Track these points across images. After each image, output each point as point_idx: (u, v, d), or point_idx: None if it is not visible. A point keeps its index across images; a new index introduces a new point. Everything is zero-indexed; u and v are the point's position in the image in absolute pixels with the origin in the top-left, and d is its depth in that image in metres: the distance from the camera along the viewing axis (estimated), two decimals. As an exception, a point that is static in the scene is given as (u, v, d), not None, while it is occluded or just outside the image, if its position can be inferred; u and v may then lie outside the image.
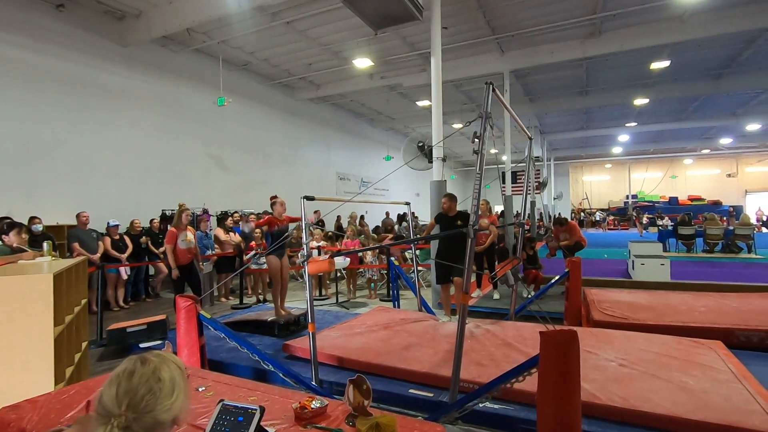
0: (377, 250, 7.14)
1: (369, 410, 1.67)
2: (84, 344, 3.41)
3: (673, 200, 26.29)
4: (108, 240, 6.51)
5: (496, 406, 2.70)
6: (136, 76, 8.79)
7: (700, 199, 25.76)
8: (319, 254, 6.60)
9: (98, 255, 6.22)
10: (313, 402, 1.66)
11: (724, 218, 13.71)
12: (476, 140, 2.58)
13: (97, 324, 4.88)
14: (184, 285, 5.34)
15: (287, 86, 12.88)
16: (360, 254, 7.11)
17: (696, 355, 3.29)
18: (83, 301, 3.40)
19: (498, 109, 11.72)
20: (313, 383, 3.16)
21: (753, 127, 17.63)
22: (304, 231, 3.23)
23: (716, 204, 24.36)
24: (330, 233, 9.19)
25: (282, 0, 7.20)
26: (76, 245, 6.00)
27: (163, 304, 6.99)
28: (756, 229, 12.20)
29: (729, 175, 26.45)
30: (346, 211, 12.77)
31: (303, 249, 3.21)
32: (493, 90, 2.69)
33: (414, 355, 3.49)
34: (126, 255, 6.65)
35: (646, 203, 26.61)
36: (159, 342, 4.43)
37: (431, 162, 6.17)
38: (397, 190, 18.00)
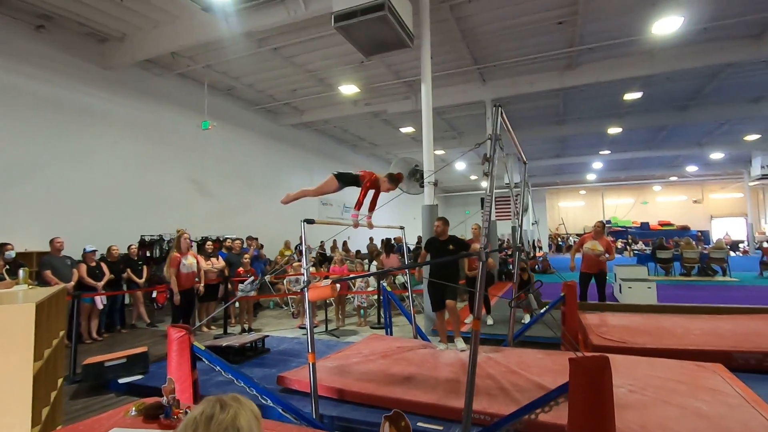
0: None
1: (408, 449, 1.54)
2: (60, 381, 3.11)
3: (645, 225, 27.20)
4: (84, 267, 6.15)
5: (511, 439, 2.58)
6: (116, 99, 8.60)
7: (669, 224, 26.74)
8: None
9: (72, 283, 5.85)
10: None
11: (694, 242, 14.35)
12: (486, 162, 2.56)
13: (71, 358, 4.52)
14: (182, 311, 5.08)
15: (271, 111, 12.87)
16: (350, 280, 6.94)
17: (701, 378, 3.27)
18: (61, 334, 3.13)
19: (482, 134, 11.99)
20: (314, 418, 2.96)
21: (716, 155, 18.61)
22: (304, 255, 3.11)
23: (684, 229, 25.30)
24: (314, 258, 9.00)
25: (272, 27, 7.22)
26: (48, 273, 5.62)
27: (140, 336, 6.60)
28: (727, 253, 12.64)
29: (695, 202, 27.65)
30: (327, 235, 12.61)
31: (303, 275, 3.08)
32: (501, 114, 2.70)
33: (418, 386, 3.35)
34: (103, 283, 6.28)
35: (620, 228, 27.42)
36: (140, 376, 4.12)
37: (422, 186, 6.16)
38: (381, 213, 17.93)
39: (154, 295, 7.38)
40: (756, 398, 2.85)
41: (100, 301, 6.25)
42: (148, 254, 7.80)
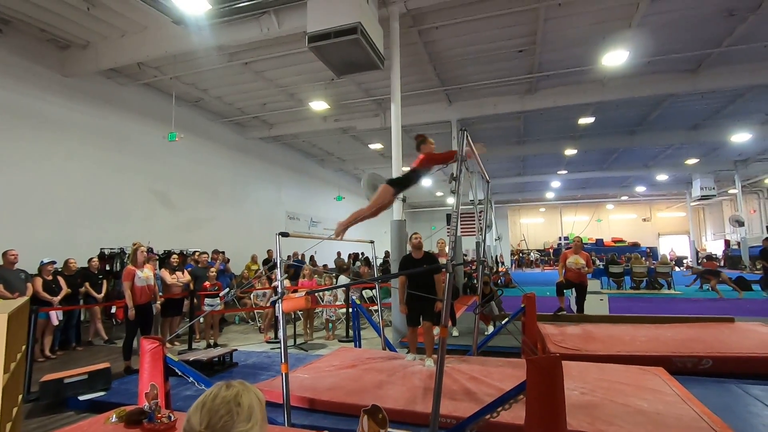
0: (335, 289, 7.06)
1: (384, 440, 1.66)
2: (20, 397, 3.02)
3: (599, 242, 28.68)
4: (39, 281, 5.88)
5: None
6: (75, 106, 8.35)
7: (621, 241, 28.36)
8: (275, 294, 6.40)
9: (26, 298, 5.58)
10: (323, 436, 1.63)
11: (643, 258, 15.40)
12: (453, 181, 2.77)
13: (25, 375, 4.32)
14: (137, 327, 4.95)
15: (239, 124, 12.80)
16: (318, 294, 6.99)
17: (644, 380, 3.58)
18: (23, 348, 3.04)
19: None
20: (286, 427, 3.02)
21: (662, 177, 20.06)
22: (279, 268, 3.20)
23: (635, 245, 26.90)
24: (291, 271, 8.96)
25: (245, 42, 7.31)
26: (0, 287, 5.35)
27: (97, 353, 6.34)
28: (672, 268, 13.60)
29: (644, 220, 29.52)
30: (295, 249, 12.55)
31: (278, 287, 3.17)
32: (467, 137, 2.94)
33: (387, 393, 3.47)
34: (59, 298, 6.02)
35: (577, 244, 28.71)
36: (102, 393, 4.01)
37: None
38: (351, 228, 17.99)
39: (113, 310, 7.12)
40: (690, 396, 3.18)
41: (56, 316, 5.99)
42: (107, 268, 7.52)
